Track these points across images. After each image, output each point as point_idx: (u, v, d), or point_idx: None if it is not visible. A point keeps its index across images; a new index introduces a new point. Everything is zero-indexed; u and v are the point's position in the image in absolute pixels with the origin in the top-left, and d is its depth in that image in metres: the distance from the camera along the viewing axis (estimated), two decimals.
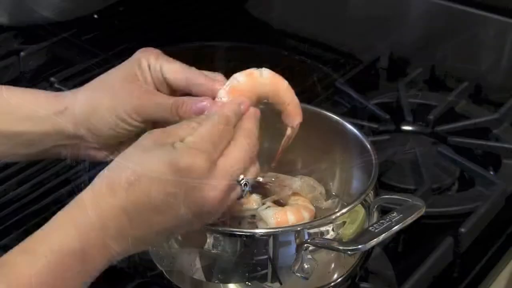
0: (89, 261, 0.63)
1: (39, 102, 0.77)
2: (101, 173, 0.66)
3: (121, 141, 0.76)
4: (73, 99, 0.76)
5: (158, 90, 0.76)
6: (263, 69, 0.75)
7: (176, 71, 0.76)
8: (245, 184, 0.69)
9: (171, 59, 0.77)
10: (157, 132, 0.68)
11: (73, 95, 0.77)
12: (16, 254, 0.61)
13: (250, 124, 0.71)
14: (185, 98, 0.74)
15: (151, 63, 0.76)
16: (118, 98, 0.74)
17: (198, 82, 0.75)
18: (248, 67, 0.77)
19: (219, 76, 0.76)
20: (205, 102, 0.73)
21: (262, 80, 0.74)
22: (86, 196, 0.65)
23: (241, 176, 0.69)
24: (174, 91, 0.77)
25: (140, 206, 0.64)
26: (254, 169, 0.70)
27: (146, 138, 0.67)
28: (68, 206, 0.65)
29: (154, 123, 0.75)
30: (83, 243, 0.62)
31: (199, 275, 0.73)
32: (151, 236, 0.66)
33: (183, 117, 0.73)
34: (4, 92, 0.78)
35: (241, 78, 0.75)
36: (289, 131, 0.80)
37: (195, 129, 0.67)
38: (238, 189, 0.69)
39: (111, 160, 0.74)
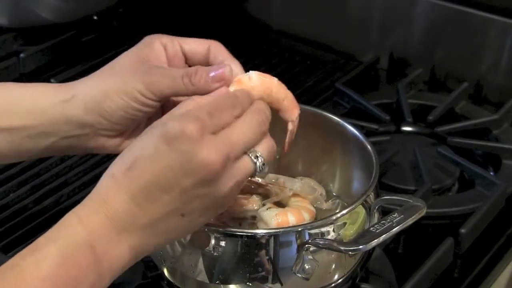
0: (104, 258, 0.61)
1: (45, 92, 0.75)
2: (106, 171, 0.65)
3: (135, 126, 0.75)
4: (81, 86, 0.74)
5: (172, 66, 0.75)
6: (250, 73, 0.73)
7: (197, 42, 0.75)
8: (256, 157, 0.66)
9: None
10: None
11: (80, 83, 0.75)
12: (24, 256, 0.60)
13: (261, 105, 0.69)
14: (198, 66, 0.72)
15: (167, 43, 0.75)
16: (127, 78, 0.71)
17: (220, 54, 0.74)
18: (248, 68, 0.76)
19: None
20: (221, 70, 0.71)
21: (252, 84, 0.73)
22: (92, 195, 0.64)
23: (251, 149, 0.66)
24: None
25: (144, 187, 0.62)
26: (267, 144, 0.68)
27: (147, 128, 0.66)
28: (76, 207, 0.64)
29: (168, 103, 0.74)
30: (92, 238, 0.61)
31: (200, 275, 0.73)
32: (166, 220, 0.64)
33: (198, 87, 0.70)
34: (5, 87, 0.76)
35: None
36: (290, 125, 0.79)
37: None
38: (247, 161, 0.66)
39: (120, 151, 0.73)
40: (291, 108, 0.76)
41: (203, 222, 0.67)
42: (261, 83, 0.73)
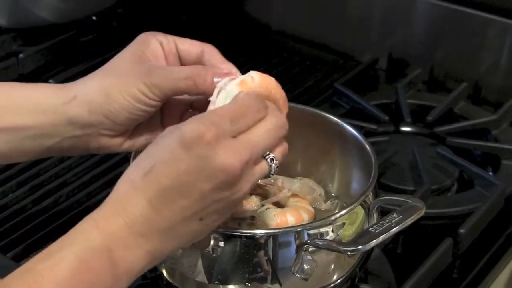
0: (120, 263, 0.61)
1: (46, 93, 0.75)
2: (121, 177, 0.65)
3: (138, 125, 0.75)
4: (82, 87, 0.74)
5: (168, 64, 0.75)
6: (252, 73, 0.73)
7: (191, 43, 0.75)
8: (272, 159, 0.67)
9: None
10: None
11: (81, 84, 0.75)
12: (39, 260, 0.59)
13: (278, 111, 0.69)
14: (200, 67, 0.73)
15: (162, 40, 0.75)
16: (130, 79, 0.72)
17: (213, 56, 0.74)
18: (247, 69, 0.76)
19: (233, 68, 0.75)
20: (226, 74, 0.72)
21: (254, 84, 0.73)
22: (109, 201, 0.63)
23: (268, 152, 0.67)
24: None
25: (162, 192, 0.62)
26: (282, 148, 0.69)
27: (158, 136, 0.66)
28: (92, 212, 0.63)
29: (170, 100, 0.74)
30: (109, 243, 0.60)
31: (199, 276, 0.73)
32: (184, 224, 0.63)
33: (201, 90, 0.71)
34: (6, 87, 0.76)
35: (233, 87, 0.72)
36: None
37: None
38: (264, 165, 0.67)
39: (124, 151, 0.75)
40: (284, 107, 0.76)
41: (218, 225, 0.67)
42: (262, 83, 0.73)
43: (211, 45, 0.76)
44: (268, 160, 0.67)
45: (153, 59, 0.74)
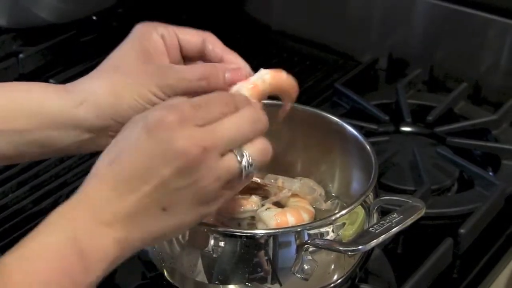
0: (88, 251, 0.60)
1: (52, 95, 0.74)
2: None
3: None
4: (89, 88, 0.73)
5: (171, 58, 0.74)
6: (262, 73, 0.73)
7: (192, 34, 0.75)
8: (242, 155, 0.65)
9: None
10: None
11: (88, 85, 0.73)
12: (11, 260, 0.59)
13: (257, 107, 0.68)
14: (212, 65, 0.73)
15: (164, 33, 0.74)
16: (140, 79, 0.71)
17: (215, 45, 0.74)
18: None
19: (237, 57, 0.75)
20: (239, 71, 0.72)
21: (265, 87, 0.73)
22: (77, 192, 0.63)
23: (240, 148, 0.65)
24: (185, 58, 0.75)
25: (125, 178, 0.62)
26: (258, 145, 0.66)
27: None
28: (60, 206, 0.63)
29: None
30: (75, 231, 0.60)
31: (199, 276, 0.73)
32: (146, 212, 0.62)
33: (212, 87, 0.70)
34: (10, 87, 0.76)
35: (245, 92, 0.72)
36: (289, 105, 0.78)
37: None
38: (231, 158, 0.64)
39: None
40: (295, 94, 0.76)
41: (191, 221, 0.65)
42: (272, 81, 0.73)
43: (210, 33, 0.75)
44: (237, 155, 0.65)
45: (156, 54, 0.73)
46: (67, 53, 1.26)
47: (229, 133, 0.64)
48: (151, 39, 0.74)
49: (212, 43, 0.75)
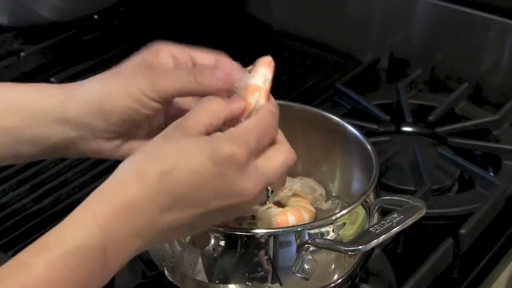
0: (111, 262, 0.59)
1: (41, 94, 0.73)
2: (124, 164, 0.63)
3: (134, 129, 0.73)
4: (81, 86, 0.72)
5: None
6: (266, 73, 0.71)
7: (205, 55, 0.74)
8: (272, 191, 0.68)
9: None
10: (182, 121, 0.64)
11: (81, 83, 0.73)
12: (34, 253, 0.57)
13: (288, 145, 0.69)
14: (203, 65, 0.72)
15: (176, 53, 0.73)
16: (130, 78, 0.70)
17: (226, 68, 0.71)
18: None
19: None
20: (229, 70, 0.70)
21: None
22: (108, 187, 0.61)
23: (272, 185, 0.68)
24: None
25: (175, 198, 0.61)
26: (282, 181, 0.69)
27: (173, 129, 0.64)
28: (88, 199, 0.61)
29: (170, 105, 0.73)
30: (105, 242, 0.59)
31: (200, 275, 0.73)
32: (178, 230, 0.63)
33: (203, 87, 0.68)
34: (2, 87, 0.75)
35: (263, 99, 0.70)
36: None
37: (217, 115, 0.65)
38: (264, 196, 0.67)
39: (120, 157, 0.71)
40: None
41: (204, 229, 0.69)
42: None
43: (224, 55, 0.74)
44: (270, 190, 0.68)
45: (161, 67, 0.72)
46: (68, 51, 1.26)
47: (275, 175, 0.66)
48: (159, 56, 0.73)
49: (224, 64, 0.72)
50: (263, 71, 0.71)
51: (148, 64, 0.72)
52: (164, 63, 0.73)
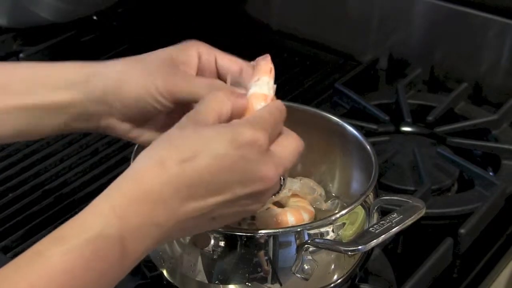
0: (130, 254, 0.58)
1: (66, 69, 0.75)
2: (143, 153, 0.62)
3: (147, 117, 0.73)
4: (105, 66, 0.74)
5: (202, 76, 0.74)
6: (269, 82, 0.71)
7: (231, 60, 0.74)
8: (284, 180, 0.67)
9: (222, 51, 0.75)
10: (194, 112, 0.65)
11: (104, 63, 0.74)
12: (50, 244, 0.56)
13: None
14: (219, 82, 0.72)
15: (202, 52, 0.74)
16: (151, 73, 0.71)
17: (249, 77, 0.72)
18: None
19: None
20: (243, 102, 0.69)
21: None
22: (129, 182, 0.60)
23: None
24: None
25: (195, 184, 0.60)
26: (293, 167, 0.69)
27: (186, 120, 0.64)
28: (107, 188, 0.60)
29: (182, 107, 0.72)
30: (124, 231, 0.57)
31: (199, 276, 0.73)
32: (197, 220, 0.62)
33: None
34: (26, 65, 0.77)
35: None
36: None
37: (226, 103, 0.65)
38: (278, 185, 0.67)
39: (130, 139, 0.74)
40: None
41: (225, 224, 0.67)
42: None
43: (248, 64, 0.74)
44: (282, 179, 0.67)
45: (183, 65, 0.73)
46: (67, 52, 1.26)
47: (291, 160, 0.66)
48: (186, 52, 0.74)
49: (248, 74, 0.73)
50: (267, 79, 0.72)
51: (172, 61, 0.73)
52: (190, 61, 0.73)
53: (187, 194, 0.60)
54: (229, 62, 0.75)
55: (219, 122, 0.65)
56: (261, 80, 0.71)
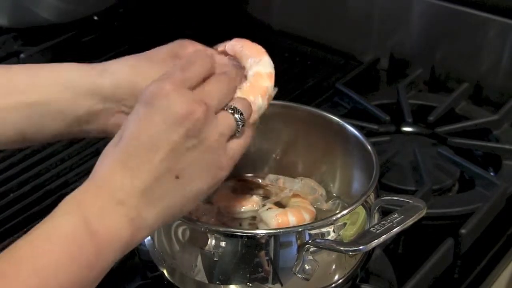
0: (100, 233, 0.60)
1: (70, 67, 0.77)
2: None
3: None
4: (115, 63, 0.76)
5: None
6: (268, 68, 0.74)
7: (224, 56, 0.77)
8: (234, 109, 0.67)
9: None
10: None
11: (114, 60, 0.76)
12: (22, 244, 0.58)
13: (227, 63, 0.73)
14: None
15: (199, 48, 0.77)
16: (160, 65, 0.73)
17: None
18: None
19: None
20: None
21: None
22: (89, 177, 0.63)
23: (228, 105, 0.68)
24: None
25: (133, 153, 0.63)
26: (241, 101, 0.69)
27: None
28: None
29: None
30: (85, 214, 0.60)
31: (200, 276, 0.73)
32: (160, 183, 0.63)
33: None
34: (28, 67, 0.77)
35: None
36: None
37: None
38: (226, 114, 0.67)
39: None
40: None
41: (202, 188, 0.66)
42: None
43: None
44: (229, 110, 0.67)
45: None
46: (68, 53, 1.26)
47: (218, 91, 0.67)
48: (185, 48, 0.76)
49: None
50: (267, 59, 0.75)
51: (177, 55, 0.75)
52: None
53: (132, 163, 0.62)
54: (223, 60, 0.77)
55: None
56: (263, 60, 0.74)
